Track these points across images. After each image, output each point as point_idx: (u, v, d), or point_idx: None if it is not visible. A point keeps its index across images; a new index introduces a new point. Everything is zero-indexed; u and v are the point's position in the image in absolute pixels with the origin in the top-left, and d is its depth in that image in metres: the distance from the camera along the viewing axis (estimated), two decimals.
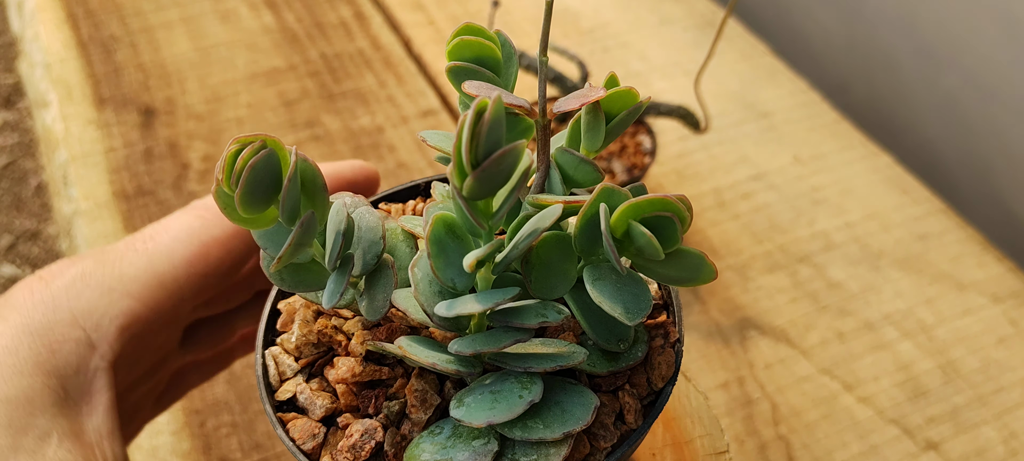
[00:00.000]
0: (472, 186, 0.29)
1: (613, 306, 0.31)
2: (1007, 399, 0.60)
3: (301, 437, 0.35)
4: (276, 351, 0.37)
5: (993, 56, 0.84)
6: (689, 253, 0.31)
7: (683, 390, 0.49)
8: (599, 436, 0.33)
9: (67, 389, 0.34)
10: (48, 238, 1.36)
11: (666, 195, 0.30)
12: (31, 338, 0.34)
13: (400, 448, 0.34)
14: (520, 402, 0.31)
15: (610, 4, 0.96)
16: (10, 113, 1.56)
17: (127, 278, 0.37)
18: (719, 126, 0.80)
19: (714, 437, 0.47)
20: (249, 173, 0.30)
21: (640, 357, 0.35)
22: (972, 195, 0.90)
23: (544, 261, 0.33)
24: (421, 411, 0.34)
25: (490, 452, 0.32)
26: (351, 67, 0.86)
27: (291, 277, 0.35)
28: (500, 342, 0.31)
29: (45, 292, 0.36)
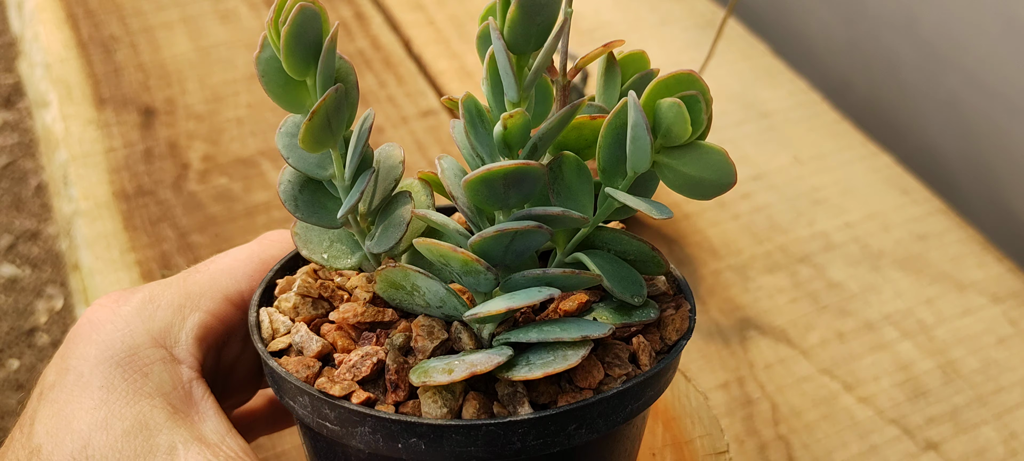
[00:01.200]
0: (515, 16, 0.28)
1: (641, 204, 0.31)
2: (1007, 399, 0.60)
3: (296, 368, 0.34)
4: (271, 310, 0.37)
5: (994, 56, 0.84)
6: (709, 148, 0.31)
7: (683, 390, 0.49)
8: (612, 364, 0.33)
9: (173, 405, 0.34)
10: (48, 238, 1.36)
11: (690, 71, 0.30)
12: (120, 369, 0.34)
13: (403, 368, 0.33)
14: (539, 294, 0.31)
15: (610, 4, 0.96)
16: (10, 113, 1.56)
17: (194, 295, 0.37)
18: (719, 126, 0.80)
19: (714, 437, 0.47)
20: (298, 14, 0.31)
21: (653, 317, 0.35)
22: (973, 195, 0.90)
23: (566, 184, 0.33)
24: (427, 341, 0.33)
25: (504, 354, 0.31)
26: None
27: (305, 202, 0.35)
28: (522, 222, 0.30)
29: (116, 320, 0.36)
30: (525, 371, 0.31)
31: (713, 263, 0.69)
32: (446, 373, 0.31)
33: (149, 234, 0.69)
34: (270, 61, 0.33)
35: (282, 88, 0.33)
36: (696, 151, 0.31)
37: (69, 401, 0.34)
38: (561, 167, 0.34)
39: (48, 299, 1.28)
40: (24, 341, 1.23)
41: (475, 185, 0.31)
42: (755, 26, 1.00)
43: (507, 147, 0.32)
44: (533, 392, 0.32)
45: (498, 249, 0.32)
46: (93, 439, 0.33)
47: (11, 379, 1.18)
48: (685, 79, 0.30)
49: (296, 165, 0.35)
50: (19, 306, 1.27)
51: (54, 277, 1.31)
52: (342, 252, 0.36)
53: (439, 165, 0.33)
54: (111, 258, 0.67)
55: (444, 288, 0.33)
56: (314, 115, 0.31)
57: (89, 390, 0.34)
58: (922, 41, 0.91)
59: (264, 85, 0.33)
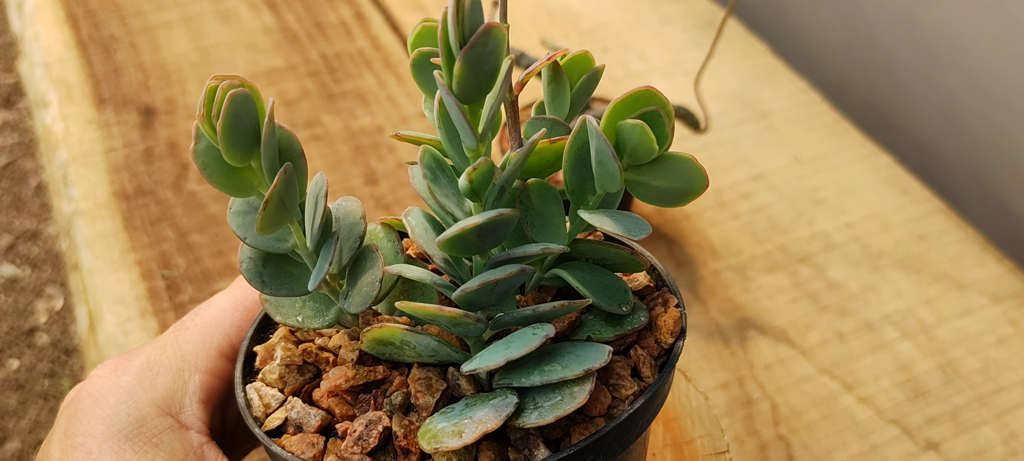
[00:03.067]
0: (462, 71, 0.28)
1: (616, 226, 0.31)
2: (1007, 399, 0.60)
3: (299, 449, 0.33)
4: (257, 385, 0.36)
5: (993, 56, 0.84)
6: (678, 158, 0.31)
7: (683, 390, 0.49)
8: (619, 386, 0.33)
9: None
10: (48, 238, 1.36)
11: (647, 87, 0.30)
12: (131, 442, 0.34)
13: (410, 431, 0.32)
14: (535, 338, 0.30)
15: (610, 4, 0.96)
16: (10, 113, 1.56)
17: (189, 355, 0.37)
18: (719, 126, 0.80)
19: (714, 437, 0.47)
20: (230, 103, 0.29)
21: (643, 321, 0.34)
22: (972, 195, 0.90)
23: (537, 211, 0.33)
24: (428, 395, 0.33)
25: (510, 404, 0.31)
26: (351, 67, 0.86)
27: (272, 278, 0.34)
28: (505, 270, 0.30)
29: (118, 393, 0.35)
30: (536, 417, 0.31)
31: (713, 263, 0.69)
32: (457, 437, 0.30)
33: (149, 234, 0.69)
34: (208, 151, 0.31)
35: (226, 176, 0.32)
36: (665, 163, 0.31)
37: None
38: (530, 197, 0.33)
39: (48, 299, 1.28)
40: (24, 341, 1.23)
41: (450, 243, 0.30)
42: (755, 26, 1.00)
43: (474, 194, 0.31)
44: (546, 430, 0.32)
45: (483, 297, 0.31)
46: None
47: (11, 379, 1.18)
48: (643, 96, 0.30)
49: (255, 244, 0.34)
50: (19, 306, 1.27)
51: (54, 277, 1.31)
52: (316, 311, 0.35)
53: (407, 222, 0.32)
54: (111, 258, 0.67)
55: (434, 340, 0.32)
56: (268, 203, 0.30)
57: None
58: (921, 41, 0.91)
59: (206, 176, 0.31)
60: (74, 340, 1.22)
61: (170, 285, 0.65)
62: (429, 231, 0.33)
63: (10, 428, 1.12)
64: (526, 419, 0.31)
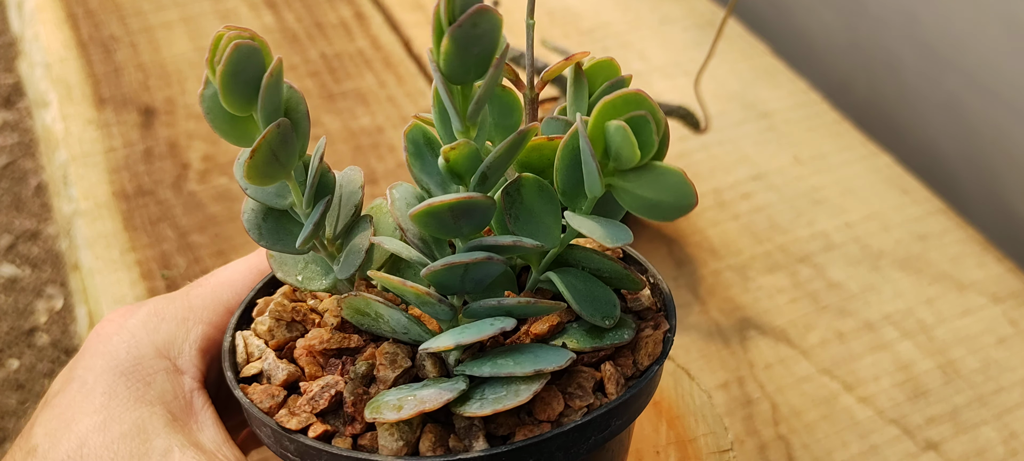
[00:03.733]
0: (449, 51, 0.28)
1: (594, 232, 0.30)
2: (1007, 399, 0.60)
3: (260, 398, 0.34)
4: (246, 333, 0.37)
5: (995, 56, 0.84)
6: (666, 170, 0.30)
7: (686, 389, 0.49)
8: (574, 395, 0.32)
9: (173, 413, 0.35)
10: (48, 238, 1.36)
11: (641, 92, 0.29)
12: (124, 378, 0.35)
13: (360, 400, 0.33)
14: (490, 328, 0.30)
15: (610, 4, 0.96)
16: (10, 113, 1.56)
17: (197, 307, 0.38)
18: (719, 126, 0.80)
19: (718, 435, 0.47)
20: (233, 52, 0.30)
21: (627, 339, 0.34)
22: (973, 195, 0.91)
23: (527, 206, 0.32)
24: (389, 370, 0.33)
25: (456, 389, 0.31)
26: (351, 67, 0.86)
27: (269, 230, 0.34)
28: (473, 255, 0.30)
29: (122, 333, 0.37)
30: (477, 407, 0.30)
31: (713, 263, 0.69)
32: (395, 410, 0.30)
33: (149, 234, 0.69)
34: (213, 98, 0.32)
35: (228, 124, 0.33)
36: (652, 173, 0.30)
37: (70, 405, 0.35)
38: (520, 190, 0.33)
39: (48, 299, 1.28)
40: (24, 341, 1.23)
41: (422, 217, 0.30)
42: (755, 26, 1.00)
43: (456, 177, 0.31)
44: (491, 424, 0.32)
45: (453, 280, 0.31)
46: (90, 439, 0.33)
47: (11, 379, 1.18)
48: (632, 99, 0.29)
49: (255, 196, 0.35)
50: (19, 306, 1.27)
51: (54, 277, 1.31)
52: (316, 274, 0.36)
53: (389, 194, 0.32)
54: (111, 258, 0.67)
55: (405, 317, 0.32)
56: (255, 152, 0.30)
57: (91, 396, 0.35)
58: (922, 41, 0.91)
59: (210, 122, 0.32)
60: (74, 340, 1.22)
61: (170, 285, 0.65)
62: (408, 206, 0.33)
63: (10, 428, 1.12)
64: (467, 407, 0.31)
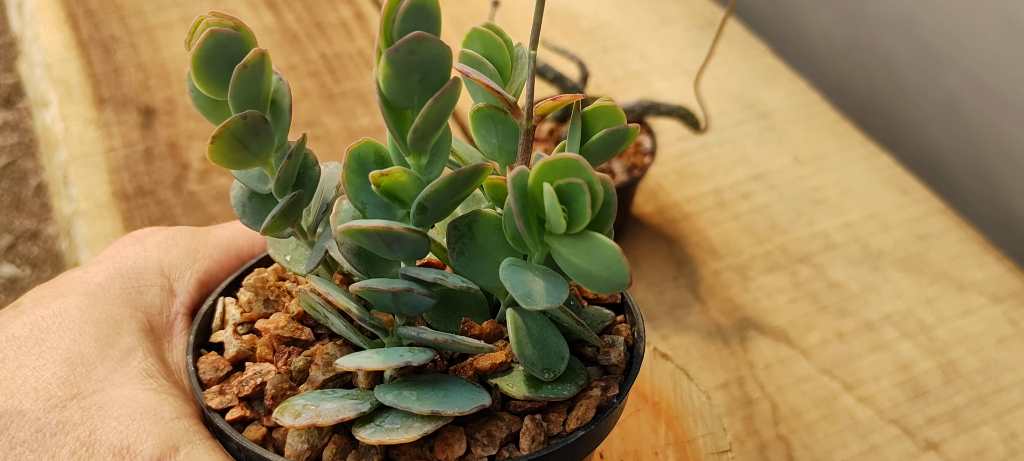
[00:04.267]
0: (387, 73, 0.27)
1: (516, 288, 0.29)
2: (1007, 399, 0.60)
3: (204, 368, 0.35)
4: (229, 300, 0.38)
5: (994, 56, 0.84)
6: (601, 242, 0.28)
7: (685, 389, 0.49)
8: (479, 442, 0.32)
9: (152, 324, 0.37)
10: (48, 238, 1.36)
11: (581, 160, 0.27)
12: (122, 279, 0.38)
13: (282, 394, 0.33)
14: (397, 359, 0.30)
15: (610, 4, 0.96)
16: (10, 113, 1.56)
17: (211, 244, 0.40)
18: (719, 126, 0.80)
19: (717, 436, 0.47)
20: (208, 38, 0.30)
21: (565, 395, 0.32)
22: (973, 195, 0.91)
23: (478, 244, 0.32)
24: (321, 371, 0.33)
25: (358, 409, 0.31)
26: (351, 67, 0.86)
27: (252, 211, 0.35)
28: (392, 284, 0.30)
29: (138, 246, 0.39)
30: (367, 434, 0.30)
31: (713, 263, 0.69)
32: (294, 416, 0.30)
33: None
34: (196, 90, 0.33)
35: (208, 106, 0.33)
36: (587, 243, 0.28)
37: (68, 282, 0.38)
38: (471, 226, 0.32)
39: None
40: None
41: (351, 234, 0.30)
42: (755, 26, 1.00)
43: (398, 203, 0.31)
44: (393, 450, 0.32)
45: (384, 302, 0.31)
46: (69, 312, 0.36)
47: None
48: (570, 165, 0.27)
49: (239, 179, 0.36)
50: None
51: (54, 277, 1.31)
52: (302, 257, 0.37)
53: (336, 205, 0.32)
54: None
55: (344, 323, 0.33)
56: (215, 138, 0.31)
57: (87, 283, 0.37)
58: (922, 41, 0.91)
59: (192, 99, 0.33)
60: None
61: None
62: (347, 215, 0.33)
63: None
64: (360, 432, 0.31)
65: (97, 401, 0.33)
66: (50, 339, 0.35)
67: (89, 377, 0.34)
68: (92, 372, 0.34)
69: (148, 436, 0.32)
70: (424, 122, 0.29)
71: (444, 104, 0.29)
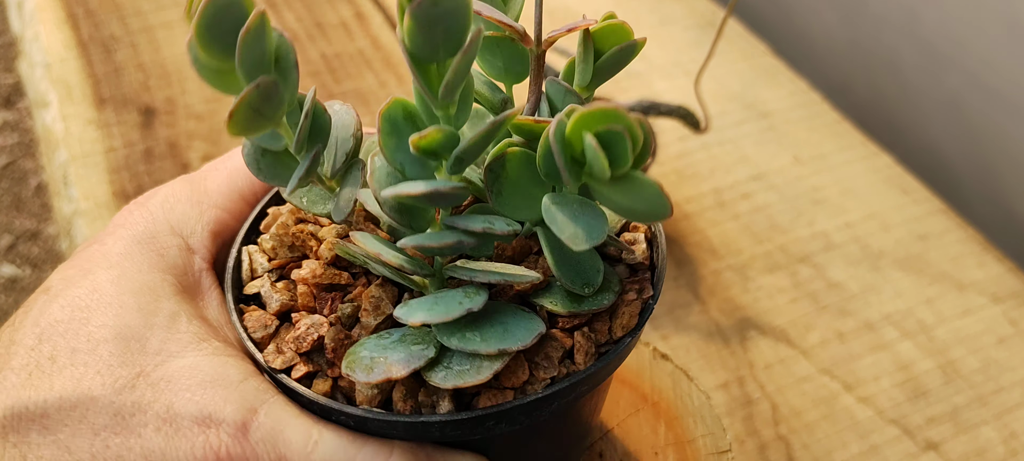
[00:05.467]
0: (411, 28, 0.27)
1: (563, 229, 0.30)
2: (1007, 399, 0.60)
3: (253, 327, 0.35)
4: (253, 249, 0.38)
5: (996, 57, 0.84)
6: (642, 180, 0.29)
7: (685, 390, 0.49)
8: (540, 366, 0.33)
9: (182, 284, 0.37)
10: (48, 238, 1.36)
11: (619, 107, 0.28)
12: (140, 246, 0.38)
13: (341, 345, 0.34)
14: (458, 308, 0.31)
15: (610, 4, 0.96)
16: (10, 113, 1.56)
17: (212, 192, 0.40)
18: (719, 126, 0.80)
19: (716, 436, 0.47)
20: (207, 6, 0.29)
21: (606, 305, 0.34)
22: (974, 195, 0.90)
23: (512, 180, 0.32)
24: (372, 316, 0.34)
25: (425, 356, 0.31)
26: (351, 67, 0.86)
27: (267, 167, 0.35)
28: (443, 238, 0.30)
29: (143, 210, 0.39)
30: (440, 378, 0.31)
31: (713, 263, 0.69)
32: (366, 371, 0.31)
33: None
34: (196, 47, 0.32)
35: (214, 75, 0.33)
36: (628, 183, 0.29)
37: (89, 259, 0.37)
38: (504, 166, 0.32)
39: None
40: None
41: (394, 202, 0.31)
42: (755, 26, 1.00)
43: (432, 156, 0.31)
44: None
45: (429, 251, 0.32)
46: (103, 287, 0.36)
47: None
48: (607, 114, 0.28)
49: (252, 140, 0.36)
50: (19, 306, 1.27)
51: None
52: (319, 198, 0.37)
53: (370, 164, 0.32)
54: None
55: (389, 271, 0.33)
56: (234, 113, 0.30)
57: (110, 256, 0.37)
58: (923, 41, 0.91)
59: (197, 71, 0.32)
60: None
61: None
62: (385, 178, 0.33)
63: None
64: (432, 376, 0.31)
65: (163, 374, 0.33)
66: (94, 317, 0.35)
67: (144, 351, 0.34)
68: (146, 345, 0.34)
69: (226, 402, 0.32)
70: (454, 75, 0.30)
71: (470, 55, 0.30)
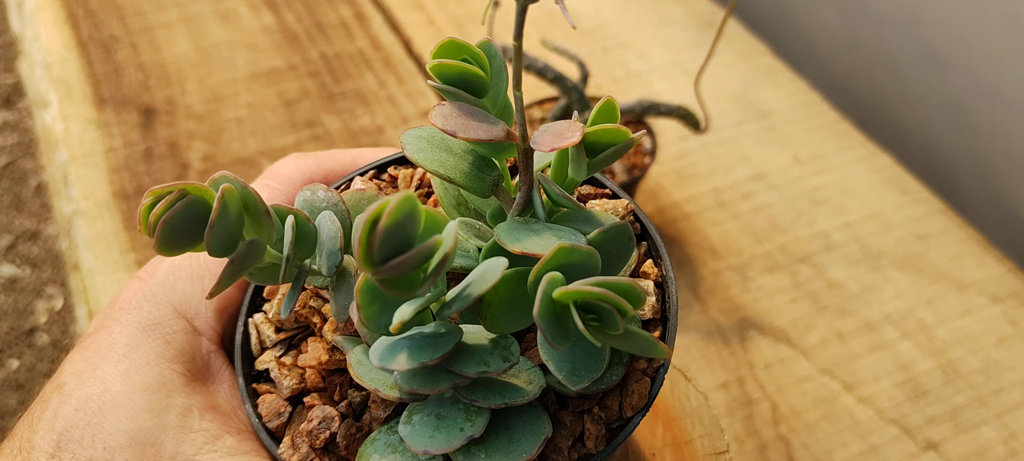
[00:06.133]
0: (378, 282, 0.28)
1: (560, 369, 0.30)
2: (1007, 399, 0.60)
3: (268, 415, 0.35)
4: (260, 319, 0.38)
5: (996, 57, 0.84)
6: (639, 336, 0.29)
7: (683, 390, 0.48)
8: (550, 459, 0.33)
9: (192, 372, 0.37)
10: (48, 238, 1.36)
11: (604, 287, 0.27)
12: (146, 334, 0.37)
13: (353, 440, 0.34)
14: (459, 435, 0.31)
15: (610, 4, 0.96)
16: (10, 113, 1.56)
17: (211, 265, 0.39)
18: (719, 126, 0.80)
19: (714, 437, 0.46)
20: (164, 226, 0.30)
21: (615, 381, 0.33)
22: (975, 195, 0.90)
23: (504, 300, 0.31)
24: (381, 408, 0.34)
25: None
26: (351, 67, 0.86)
27: (259, 273, 0.35)
28: (438, 384, 0.30)
29: (145, 290, 0.39)
30: None
31: (713, 263, 0.69)
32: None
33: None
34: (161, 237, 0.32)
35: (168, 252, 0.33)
36: (625, 338, 0.29)
37: (97, 351, 0.37)
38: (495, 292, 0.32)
39: (48, 299, 1.28)
40: (24, 341, 1.23)
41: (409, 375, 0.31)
42: (756, 26, 1.00)
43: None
44: None
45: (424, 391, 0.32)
46: (112, 386, 0.35)
47: (11, 379, 1.18)
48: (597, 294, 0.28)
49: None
50: (19, 306, 1.27)
51: (54, 277, 1.31)
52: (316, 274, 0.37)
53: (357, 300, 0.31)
54: (111, 258, 0.67)
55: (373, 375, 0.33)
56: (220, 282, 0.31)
57: (116, 347, 0.36)
58: (925, 41, 0.91)
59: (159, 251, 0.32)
60: (74, 340, 1.22)
61: None
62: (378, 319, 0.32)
63: (10, 428, 1.12)
64: None
65: None
66: (107, 421, 0.34)
67: (160, 456, 0.34)
68: (161, 449, 0.34)
69: None
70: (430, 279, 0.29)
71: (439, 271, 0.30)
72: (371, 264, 0.27)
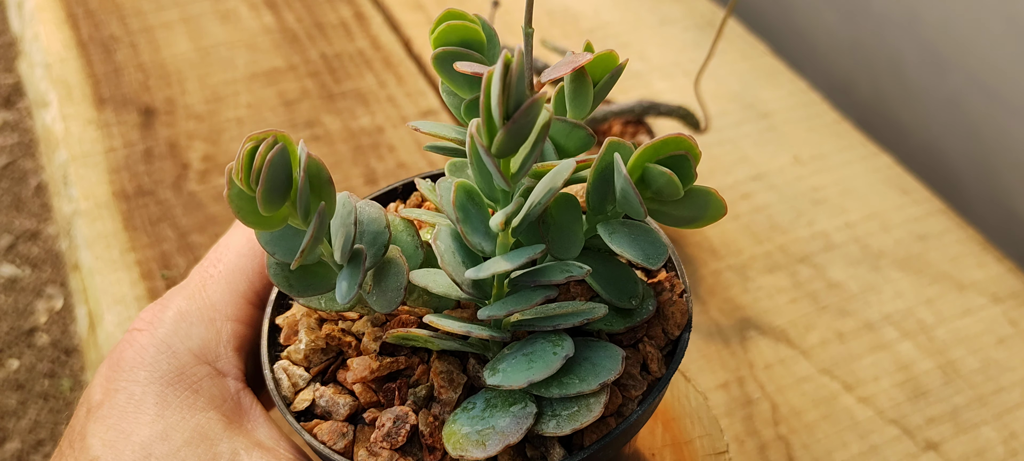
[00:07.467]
0: (502, 140, 0.29)
1: (634, 254, 0.32)
2: (1007, 399, 0.60)
3: (330, 438, 0.35)
4: (284, 364, 0.37)
5: (997, 57, 0.84)
6: (699, 190, 0.32)
7: (682, 390, 0.48)
8: (629, 386, 0.34)
9: (226, 416, 0.36)
10: (48, 238, 1.36)
11: (678, 134, 0.31)
12: (172, 387, 0.36)
13: (435, 429, 0.34)
14: (555, 358, 0.32)
15: (610, 4, 0.96)
16: (10, 113, 1.56)
17: (218, 304, 0.38)
18: (719, 126, 0.80)
19: (714, 437, 0.46)
20: (268, 169, 0.30)
21: (652, 310, 0.35)
22: (975, 195, 0.90)
23: (558, 223, 0.34)
24: (450, 390, 0.34)
25: (530, 414, 0.32)
26: (351, 67, 0.86)
27: (300, 281, 0.35)
28: (532, 299, 0.31)
29: (155, 342, 0.37)
30: (554, 427, 0.32)
31: (713, 263, 0.69)
32: (481, 447, 0.32)
33: (149, 234, 0.69)
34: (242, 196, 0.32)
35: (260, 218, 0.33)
36: (691, 197, 0.33)
37: (124, 416, 0.35)
38: (551, 213, 0.34)
39: (48, 299, 1.28)
40: (24, 341, 1.23)
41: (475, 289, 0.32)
42: (756, 26, 1.00)
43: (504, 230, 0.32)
44: None
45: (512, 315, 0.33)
46: (154, 449, 0.34)
47: (11, 379, 1.18)
48: (673, 142, 0.32)
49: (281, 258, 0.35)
50: (19, 306, 1.27)
51: (54, 277, 1.31)
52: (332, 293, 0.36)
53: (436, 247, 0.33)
54: (111, 258, 0.67)
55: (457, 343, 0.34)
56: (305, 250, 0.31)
57: (144, 407, 0.35)
58: (925, 41, 0.91)
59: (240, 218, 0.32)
60: (74, 340, 1.22)
61: (170, 285, 0.65)
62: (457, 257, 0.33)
63: (10, 428, 1.12)
64: (545, 428, 0.32)
65: None
66: None
67: None
68: None
69: None
70: (531, 158, 0.31)
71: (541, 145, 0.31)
72: (506, 112, 0.28)
